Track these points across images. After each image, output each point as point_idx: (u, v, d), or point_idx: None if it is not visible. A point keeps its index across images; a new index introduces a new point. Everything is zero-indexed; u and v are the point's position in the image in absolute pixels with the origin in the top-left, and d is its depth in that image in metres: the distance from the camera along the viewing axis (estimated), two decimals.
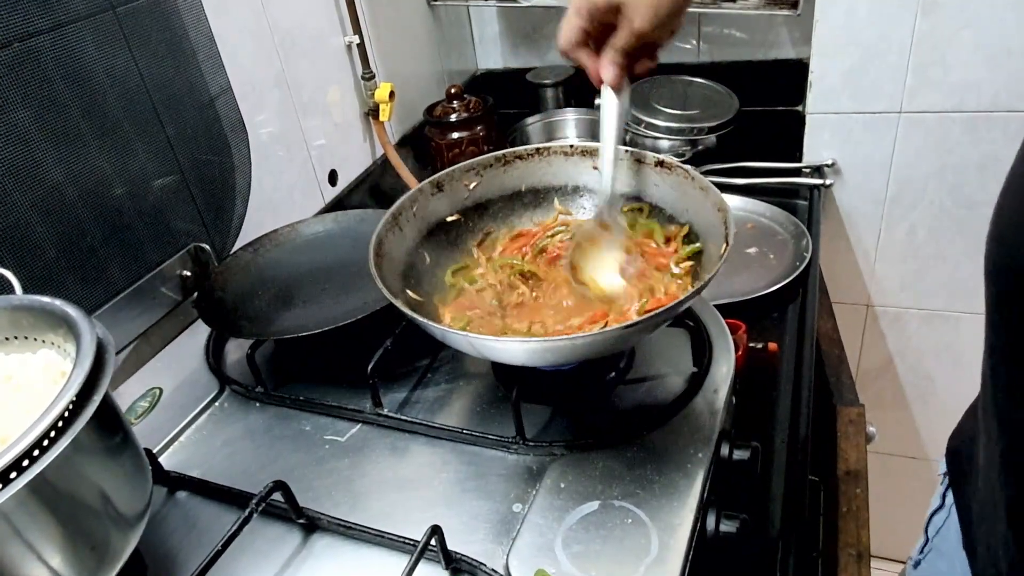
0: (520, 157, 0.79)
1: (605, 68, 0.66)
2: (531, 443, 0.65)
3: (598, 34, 0.66)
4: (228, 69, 0.96)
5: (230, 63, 0.96)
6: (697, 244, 0.71)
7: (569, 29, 0.66)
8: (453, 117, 1.30)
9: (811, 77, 1.24)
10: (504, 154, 0.79)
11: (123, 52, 0.80)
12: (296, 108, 1.12)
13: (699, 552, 0.56)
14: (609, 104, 0.69)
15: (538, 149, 0.79)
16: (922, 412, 1.62)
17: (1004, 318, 0.50)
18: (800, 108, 1.30)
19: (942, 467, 0.72)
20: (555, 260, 0.76)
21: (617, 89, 0.68)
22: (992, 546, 0.57)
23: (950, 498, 0.70)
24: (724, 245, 0.62)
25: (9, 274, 0.61)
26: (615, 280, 0.70)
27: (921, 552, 0.79)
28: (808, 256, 1.02)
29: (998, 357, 0.51)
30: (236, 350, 0.85)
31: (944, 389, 1.55)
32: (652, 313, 0.56)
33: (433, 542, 0.55)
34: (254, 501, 0.57)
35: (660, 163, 0.73)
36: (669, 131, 1.31)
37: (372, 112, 1.28)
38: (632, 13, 0.62)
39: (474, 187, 0.79)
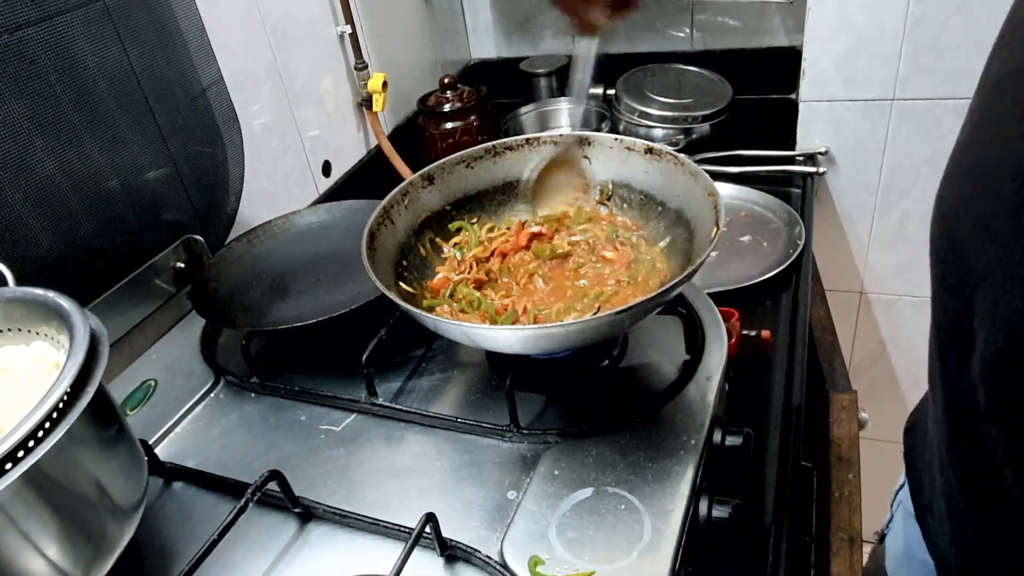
0: (510, 148, 0.79)
1: None
2: (525, 431, 0.65)
3: None
4: (219, 59, 0.95)
5: (221, 53, 0.95)
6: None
7: None
8: (446, 107, 1.29)
9: (804, 64, 1.24)
10: (494, 145, 0.79)
11: (113, 43, 0.80)
12: (289, 99, 1.11)
13: (692, 538, 0.56)
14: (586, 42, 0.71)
15: (528, 140, 0.79)
16: (914, 399, 1.60)
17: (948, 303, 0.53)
18: (793, 96, 1.30)
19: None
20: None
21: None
22: (940, 512, 0.57)
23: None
24: (715, 229, 0.63)
25: (2, 266, 0.61)
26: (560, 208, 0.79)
27: (887, 527, 0.80)
28: (801, 244, 1.02)
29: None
30: (231, 341, 0.85)
31: None
32: (643, 298, 0.56)
33: (428, 529, 0.55)
34: (250, 490, 0.57)
35: (649, 150, 0.73)
36: (662, 120, 1.31)
37: (365, 102, 1.28)
38: None
39: (465, 179, 0.79)
